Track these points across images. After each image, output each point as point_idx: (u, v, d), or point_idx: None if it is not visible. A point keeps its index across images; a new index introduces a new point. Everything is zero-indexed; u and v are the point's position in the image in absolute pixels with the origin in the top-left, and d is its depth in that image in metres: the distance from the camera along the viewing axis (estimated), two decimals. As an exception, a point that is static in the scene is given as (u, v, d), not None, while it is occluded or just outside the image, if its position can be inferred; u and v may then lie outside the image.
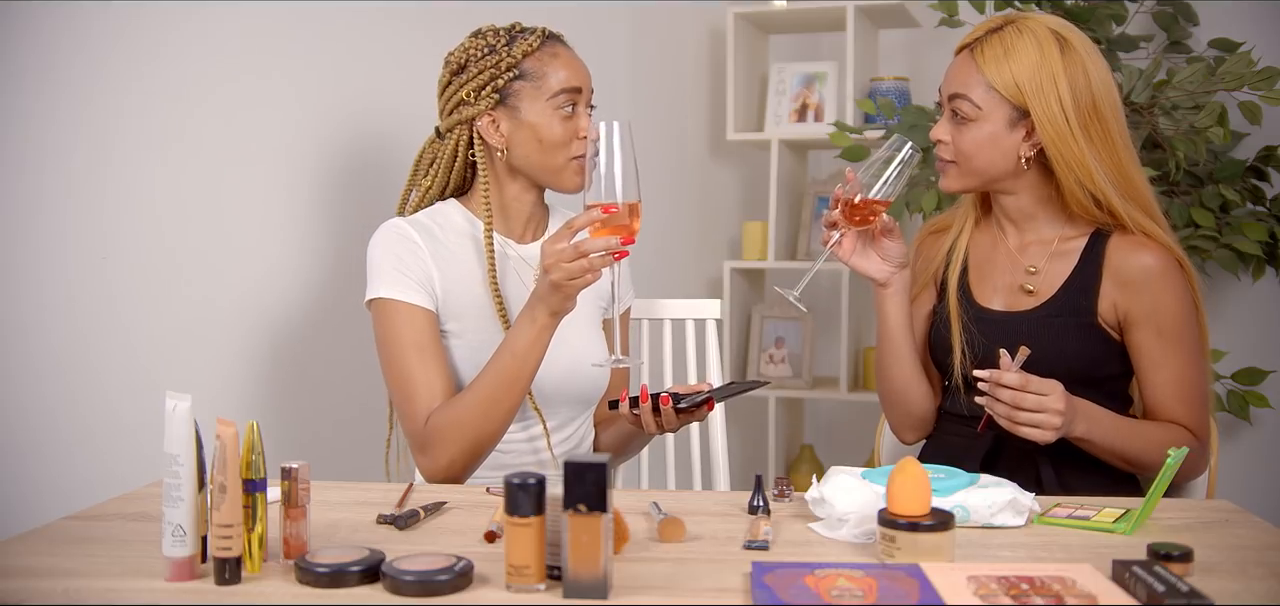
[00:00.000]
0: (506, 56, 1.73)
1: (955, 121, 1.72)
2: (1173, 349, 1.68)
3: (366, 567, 1.11)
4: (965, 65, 1.72)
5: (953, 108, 1.72)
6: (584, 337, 1.82)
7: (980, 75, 1.69)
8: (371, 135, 2.21)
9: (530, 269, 1.81)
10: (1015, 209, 1.77)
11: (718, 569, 1.18)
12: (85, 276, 1.68)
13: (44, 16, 1.61)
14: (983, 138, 1.69)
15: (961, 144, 1.71)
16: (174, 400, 1.14)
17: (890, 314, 1.77)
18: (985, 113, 1.69)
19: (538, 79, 1.73)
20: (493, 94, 1.73)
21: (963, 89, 1.70)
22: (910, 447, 1.93)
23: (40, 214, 1.62)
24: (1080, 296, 1.71)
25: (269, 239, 1.99)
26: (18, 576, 1.15)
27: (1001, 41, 1.68)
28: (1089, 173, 1.66)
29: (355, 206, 2.16)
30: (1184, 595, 1.02)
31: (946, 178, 1.76)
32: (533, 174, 1.77)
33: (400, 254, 1.71)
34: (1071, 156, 1.66)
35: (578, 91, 1.74)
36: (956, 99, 1.71)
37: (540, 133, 1.73)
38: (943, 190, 1.78)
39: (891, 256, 1.73)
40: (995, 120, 1.69)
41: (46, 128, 1.62)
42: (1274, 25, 3.01)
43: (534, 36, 1.74)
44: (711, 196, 3.62)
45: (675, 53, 3.42)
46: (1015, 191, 1.75)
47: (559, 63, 1.74)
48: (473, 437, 1.63)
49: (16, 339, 1.59)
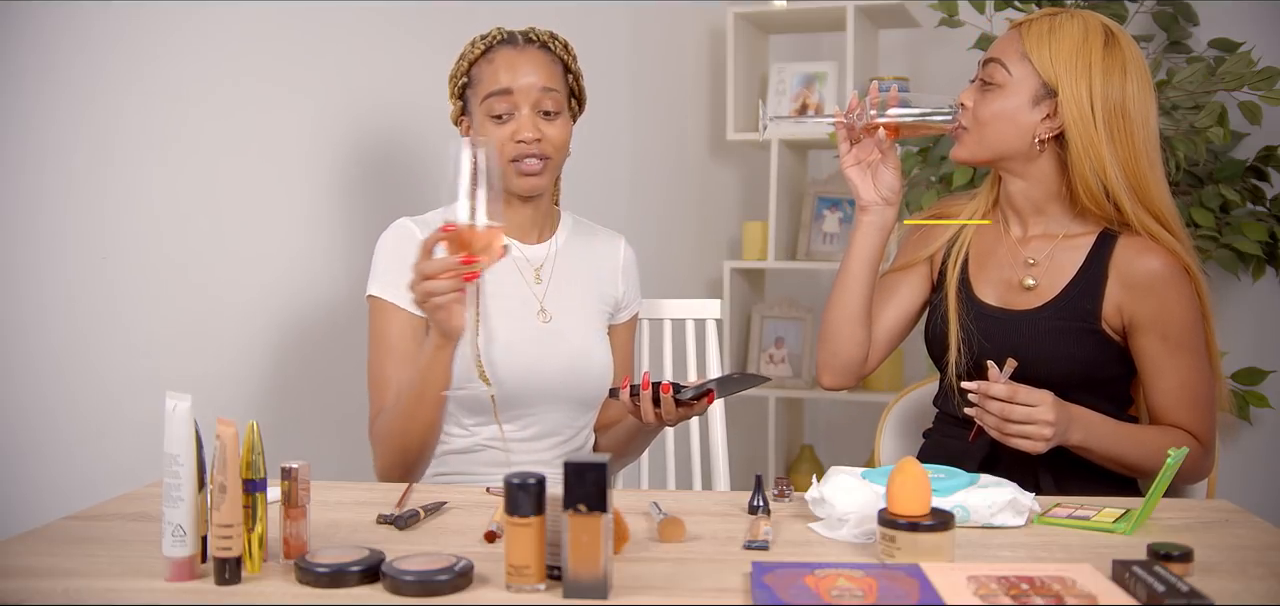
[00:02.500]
0: (463, 64, 1.79)
1: (981, 88, 1.71)
2: (1178, 355, 1.66)
3: (366, 567, 1.11)
4: (1010, 36, 1.71)
5: (984, 75, 1.71)
6: (584, 337, 1.82)
7: (1020, 46, 1.68)
8: (373, 136, 2.21)
9: (532, 268, 1.82)
10: (1022, 198, 1.75)
11: (718, 569, 1.18)
12: (85, 276, 1.68)
13: (44, 16, 1.61)
14: (1003, 109, 1.68)
15: (981, 111, 1.70)
16: (174, 400, 1.14)
17: (857, 241, 1.75)
18: (1014, 83, 1.68)
19: (477, 84, 1.77)
20: (458, 101, 1.81)
21: (999, 55, 1.70)
22: (906, 446, 1.93)
23: (40, 214, 1.62)
24: (1084, 299, 1.69)
25: (269, 239, 1.99)
26: (18, 576, 1.15)
27: (1050, 21, 1.68)
28: (1103, 164, 1.64)
29: (356, 207, 2.16)
30: (1184, 595, 1.02)
31: (960, 146, 1.74)
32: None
33: (402, 254, 1.70)
34: (1089, 144, 1.64)
35: (507, 93, 1.73)
36: (990, 64, 1.70)
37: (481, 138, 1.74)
38: (953, 158, 1.76)
39: (883, 184, 1.72)
40: (1021, 94, 1.67)
41: (46, 128, 1.62)
42: (1274, 25, 3.00)
43: (485, 41, 1.78)
44: (711, 196, 3.62)
45: (675, 53, 3.42)
46: (1025, 177, 1.73)
47: (494, 67, 1.75)
48: (399, 446, 1.65)
49: (17, 339, 1.59)
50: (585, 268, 1.88)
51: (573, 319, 1.81)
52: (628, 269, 1.93)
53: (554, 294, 1.82)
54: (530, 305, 1.80)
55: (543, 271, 1.83)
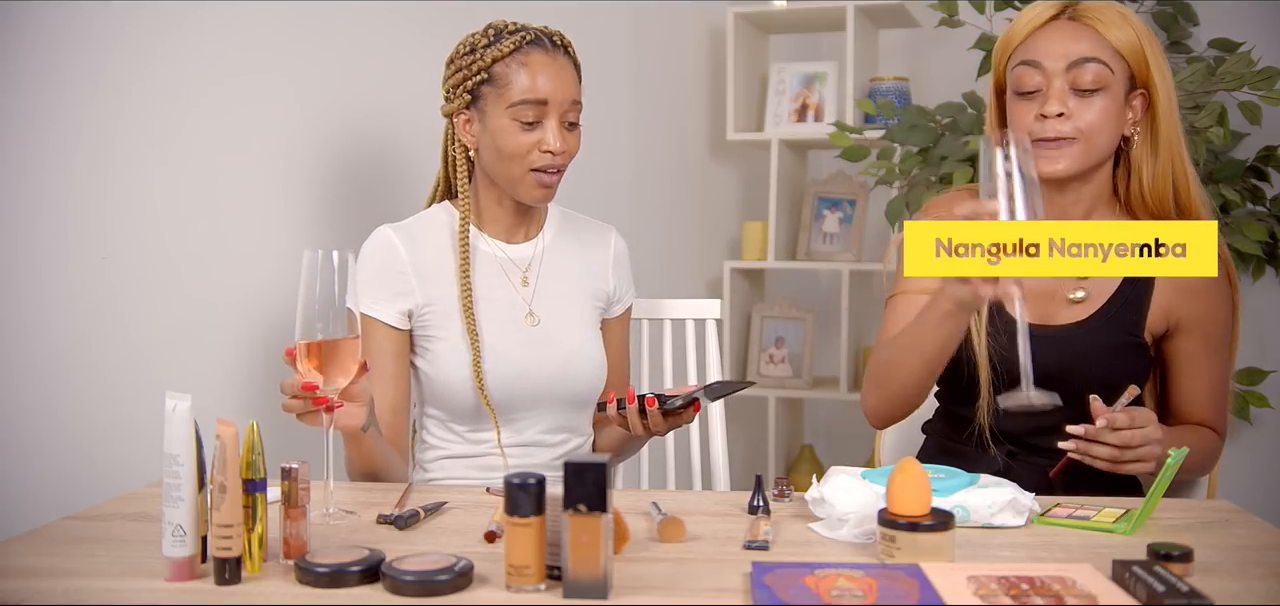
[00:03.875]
0: (480, 58, 1.69)
1: (1078, 94, 1.53)
2: (1216, 354, 1.63)
3: (366, 567, 1.11)
4: (1078, 29, 1.54)
5: (1076, 77, 1.53)
6: (577, 337, 1.80)
7: (1103, 38, 1.52)
8: (373, 136, 2.21)
9: (517, 270, 1.79)
10: (1076, 203, 1.60)
11: (718, 569, 1.18)
12: (85, 276, 1.68)
13: (44, 16, 1.61)
14: (1111, 109, 1.52)
15: (1090, 116, 1.52)
16: (174, 400, 1.14)
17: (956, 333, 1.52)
18: (1115, 79, 1.52)
19: (502, 86, 1.68)
20: (465, 94, 1.71)
21: (1094, 52, 1.52)
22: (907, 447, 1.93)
23: (40, 214, 1.62)
24: (1130, 309, 1.61)
25: (269, 238, 1.99)
26: (18, 576, 1.15)
27: (1109, 6, 1.53)
28: (1181, 155, 1.54)
29: (356, 207, 2.16)
30: (1184, 595, 1.02)
31: (1063, 158, 1.54)
32: (495, 181, 1.74)
33: (381, 265, 1.71)
34: (1174, 134, 1.53)
35: (542, 103, 1.67)
36: (1084, 64, 1.52)
37: (498, 140, 1.68)
38: (1051, 175, 1.54)
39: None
40: (1117, 89, 1.53)
41: (46, 128, 1.62)
42: (1274, 25, 3.01)
43: (512, 40, 1.68)
44: (711, 196, 3.62)
45: (675, 53, 3.42)
46: (1093, 180, 1.59)
47: (527, 71, 1.67)
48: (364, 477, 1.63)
49: (17, 339, 1.59)
50: (574, 265, 1.84)
51: (562, 320, 1.79)
52: (619, 262, 1.89)
53: (541, 295, 1.79)
54: (517, 309, 1.77)
55: (530, 273, 1.80)
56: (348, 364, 1.37)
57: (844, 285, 3.41)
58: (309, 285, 1.35)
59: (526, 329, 1.76)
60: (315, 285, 1.35)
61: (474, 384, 1.69)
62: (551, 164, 1.69)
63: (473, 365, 1.69)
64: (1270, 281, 3.01)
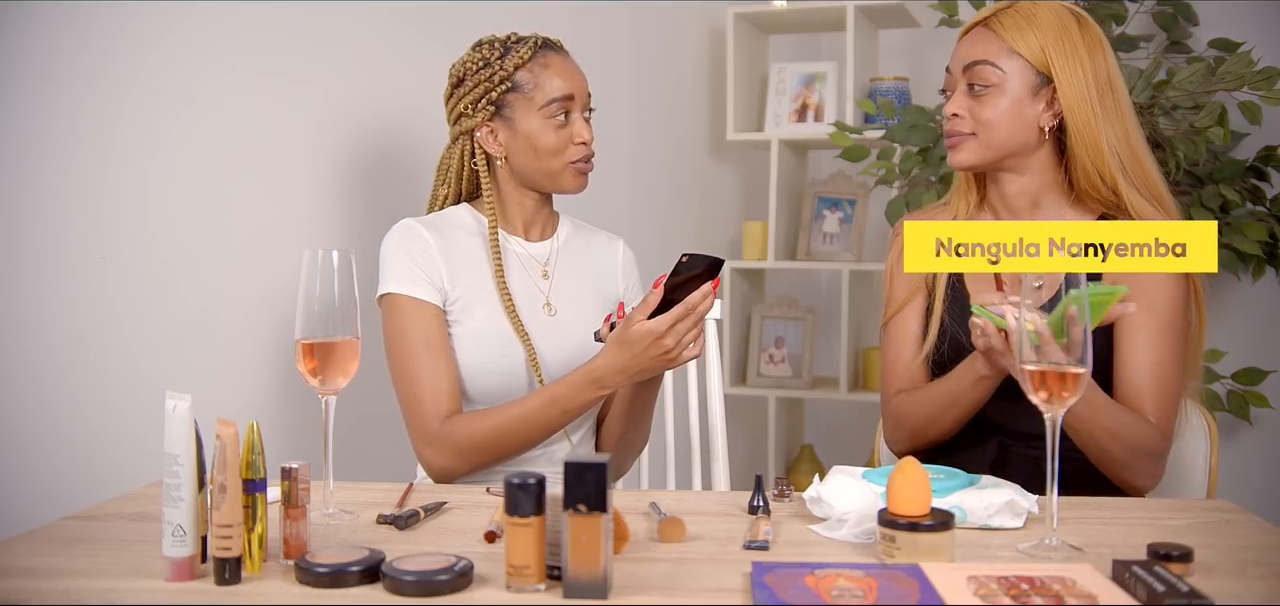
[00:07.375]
0: (500, 69, 1.77)
1: (973, 93, 1.68)
2: (1159, 335, 1.62)
3: (366, 567, 1.11)
4: (983, 35, 1.69)
5: (970, 78, 1.68)
6: (588, 330, 1.82)
7: (1002, 41, 1.66)
8: (373, 136, 2.21)
9: (537, 265, 1.85)
10: (1018, 194, 1.72)
11: (718, 569, 1.18)
12: (85, 276, 1.68)
13: (44, 16, 1.61)
14: (1005, 106, 1.66)
15: (982, 114, 1.67)
16: (174, 400, 1.14)
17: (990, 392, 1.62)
18: (1007, 78, 1.66)
19: (530, 90, 1.77)
20: (488, 106, 1.79)
21: (984, 55, 1.67)
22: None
23: (40, 214, 1.62)
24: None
25: (269, 238, 1.99)
26: (18, 576, 1.15)
27: (1020, 11, 1.67)
28: (1100, 149, 1.64)
29: (356, 206, 2.16)
30: (1184, 595, 1.02)
31: (963, 151, 1.70)
32: (533, 180, 1.82)
33: (412, 251, 1.75)
34: (1089, 125, 1.63)
35: (570, 99, 1.78)
36: (977, 66, 1.67)
37: (535, 142, 1.77)
38: (955, 166, 1.72)
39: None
40: (1017, 87, 1.66)
41: (46, 128, 1.62)
42: (1274, 25, 3.01)
43: (526, 47, 1.78)
44: (711, 196, 3.62)
45: (675, 53, 3.42)
46: (1024, 172, 1.71)
47: (550, 72, 1.77)
48: (485, 459, 1.72)
49: (16, 339, 1.59)
50: (587, 265, 1.92)
51: (577, 313, 1.84)
52: (627, 267, 1.98)
53: (558, 288, 1.86)
54: (536, 299, 1.83)
55: (549, 267, 1.86)
56: (348, 364, 1.38)
57: (844, 285, 3.41)
58: (309, 285, 1.35)
59: (543, 318, 1.82)
60: (315, 285, 1.36)
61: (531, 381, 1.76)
62: (586, 154, 1.81)
63: (527, 362, 1.76)
64: (1270, 281, 3.01)
